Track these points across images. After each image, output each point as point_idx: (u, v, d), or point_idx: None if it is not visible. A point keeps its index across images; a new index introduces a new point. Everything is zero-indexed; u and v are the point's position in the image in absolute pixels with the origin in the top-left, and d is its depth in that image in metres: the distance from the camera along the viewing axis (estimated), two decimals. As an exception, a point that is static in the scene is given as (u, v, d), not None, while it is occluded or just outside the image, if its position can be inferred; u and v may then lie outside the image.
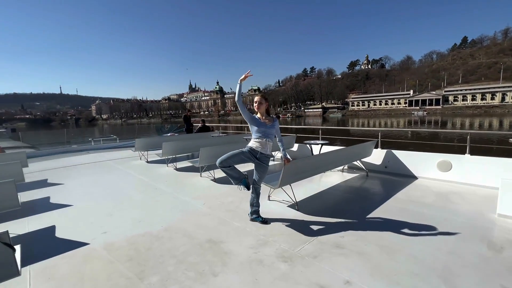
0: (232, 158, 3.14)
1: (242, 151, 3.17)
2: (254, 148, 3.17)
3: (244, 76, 3.24)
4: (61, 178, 6.11)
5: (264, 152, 3.20)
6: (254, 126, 3.18)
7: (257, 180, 3.29)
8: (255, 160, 3.18)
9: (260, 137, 3.17)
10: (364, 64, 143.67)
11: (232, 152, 3.16)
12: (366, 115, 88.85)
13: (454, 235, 2.90)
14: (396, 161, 5.60)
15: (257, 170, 3.25)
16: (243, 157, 3.17)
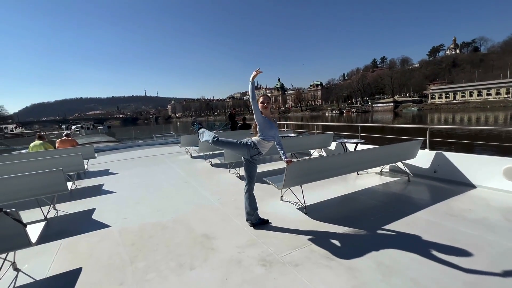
0: (230, 146, 3.09)
1: (246, 144, 3.05)
2: (258, 148, 3.08)
3: (254, 74, 3.10)
4: (119, 168, 7.20)
5: (263, 153, 3.12)
6: (268, 129, 3.04)
7: (253, 180, 3.19)
8: (250, 158, 3.10)
9: (270, 140, 3.08)
10: (450, 49, 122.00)
11: (233, 143, 3.08)
12: (451, 109, 75.46)
13: (488, 263, 2.27)
14: (448, 165, 4.65)
15: (252, 169, 3.16)
16: (243, 150, 3.05)
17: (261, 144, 3.05)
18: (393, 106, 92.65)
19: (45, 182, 3.72)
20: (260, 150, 3.07)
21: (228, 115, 11.00)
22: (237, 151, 3.09)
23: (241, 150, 3.05)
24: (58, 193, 3.88)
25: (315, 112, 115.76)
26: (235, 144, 3.07)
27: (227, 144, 3.08)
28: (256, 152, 3.07)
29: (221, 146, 3.10)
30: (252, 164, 3.17)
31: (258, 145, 3.04)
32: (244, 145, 3.04)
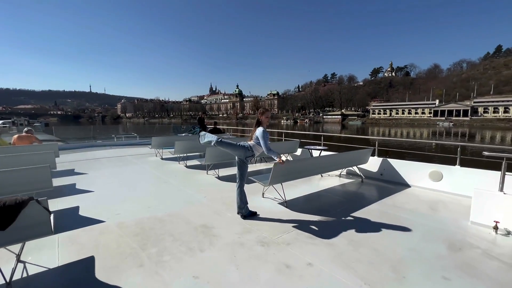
0: (231, 146, 3.53)
1: (244, 146, 3.54)
2: (253, 151, 3.59)
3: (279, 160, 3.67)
4: (86, 169, 6.92)
5: (255, 156, 3.67)
6: (268, 140, 3.61)
7: (244, 178, 3.72)
8: (245, 158, 3.62)
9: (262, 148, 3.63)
10: (387, 72, 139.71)
11: (234, 144, 3.55)
12: (387, 124, 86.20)
13: (421, 236, 3.19)
14: (391, 169, 5.83)
15: (244, 168, 3.68)
16: (241, 152, 3.52)
17: (255, 148, 3.61)
18: (341, 119, 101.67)
19: (31, 178, 3.65)
20: (254, 153, 3.62)
21: (198, 119, 11.19)
22: (235, 151, 3.58)
23: (239, 151, 3.56)
24: (43, 190, 3.81)
25: (272, 120, 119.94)
26: (235, 145, 3.57)
27: (229, 145, 3.56)
28: (250, 154, 3.61)
29: (224, 147, 3.56)
30: (245, 164, 3.69)
31: (253, 149, 3.60)
32: (242, 147, 3.56)
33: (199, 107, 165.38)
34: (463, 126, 70.12)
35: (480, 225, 3.43)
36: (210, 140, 3.55)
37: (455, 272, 2.46)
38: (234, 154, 3.66)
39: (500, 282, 2.33)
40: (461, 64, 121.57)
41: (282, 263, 2.58)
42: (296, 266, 2.54)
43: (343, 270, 2.47)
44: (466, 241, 3.08)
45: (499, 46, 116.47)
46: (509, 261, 2.68)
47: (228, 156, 6.50)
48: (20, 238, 2.21)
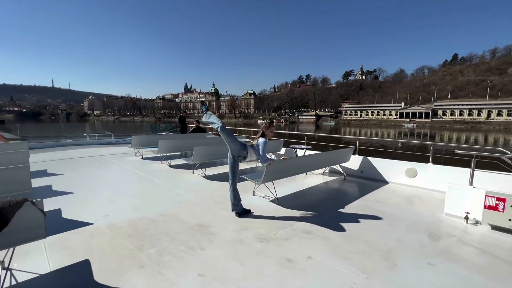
0: (230, 137, 3.65)
1: (241, 143, 3.68)
2: (248, 153, 3.70)
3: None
4: (60, 169, 6.47)
5: (246, 159, 3.79)
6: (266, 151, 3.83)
7: (235, 175, 3.78)
8: (236, 156, 3.66)
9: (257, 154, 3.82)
10: (358, 75, 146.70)
11: (234, 137, 3.69)
12: (358, 125, 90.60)
13: (404, 228, 3.48)
14: (371, 167, 6.21)
15: (235, 166, 3.73)
16: (236, 147, 3.62)
17: (250, 152, 3.70)
18: (315, 119, 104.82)
19: (7, 179, 3.37)
20: (246, 155, 3.69)
21: (179, 118, 10.93)
22: (232, 144, 3.62)
23: (235, 146, 3.62)
24: (22, 192, 3.53)
25: (248, 120, 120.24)
26: (234, 138, 3.66)
27: (229, 136, 3.62)
28: (243, 154, 3.68)
29: (224, 134, 3.60)
30: (236, 162, 3.74)
31: (248, 151, 3.67)
32: (240, 143, 3.63)
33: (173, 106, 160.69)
34: (425, 127, 75.90)
35: (453, 216, 3.81)
36: (214, 122, 3.58)
37: (438, 258, 2.74)
38: (229, 147, 3.67)
39: (475, 264, 2.64)
40: (423, 70, 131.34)
41: (283, 258, 2.68)
42: (297, 259, 2.65)
43: (341, 261, 2.63)
44: (443, 231, 3.41)
45: (455, 55, 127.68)
46: (479, 246, 3.03)
47: (215, 156, 6.49)
48: (11, 242, 2.07)
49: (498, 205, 3.32)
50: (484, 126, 69.46)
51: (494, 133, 55.43)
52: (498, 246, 3.04)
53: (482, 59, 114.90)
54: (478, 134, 54.72)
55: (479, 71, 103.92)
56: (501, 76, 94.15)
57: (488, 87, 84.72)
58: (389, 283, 2.30)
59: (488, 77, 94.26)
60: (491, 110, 74.29)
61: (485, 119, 74.19)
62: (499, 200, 3.31)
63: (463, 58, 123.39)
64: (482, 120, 74.16)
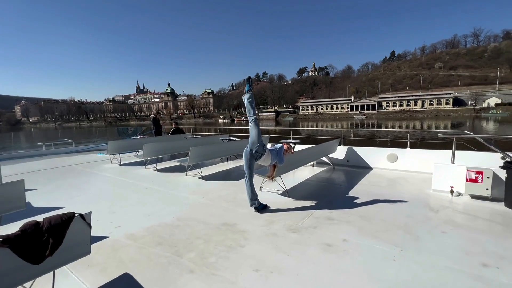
0: (257, 131, 3.79)
1: (262, 142, 3.82)
2: (264, 152, 3.84)
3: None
4: (29, 184, 5.67)
5: (261, 158, 3.89)
6: (280, 159, 4.04)
7: (252, 172, 3.90)
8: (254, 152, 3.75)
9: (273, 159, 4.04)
10: (311, 71, 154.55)
11: (259, 133, 3.81)
12: (315, 119, 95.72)
13: (406, 205, 3.93)
14: (355, 155, 6.75)
15: (252, 163, 3.82)
16: (258, 142, 3.75)
17: (268, 154, 3.82)
18: (275, 115, 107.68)
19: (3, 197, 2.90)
20: (263, 154, 3.79)
21: (152, 119, 10.28)
22: (256, 137, 3.74)
23: (259, 140, 3.74)
24: (15, 211, 3.07)
25: (208, 119, 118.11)
26: (260, 135, 3.78)
27: (259, 128, 3.80)
28: (261, 151, 3.76)
29: (255, 126, 3.77)
30: (252, 158, 3.82)
31: (266, 152, 3.80)
32: (262, 141, 3.73)
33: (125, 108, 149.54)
34: (372, 118, 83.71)
35: (440, 191, 4.41)
36: (251, 110, 3.91)
37: (446, 226, 3.19)
38: (252, 140, 3.77)
39: (470, 226, 3.17)
40: (367, 66, 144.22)
41: (322, 243, 2.84)
42: (335, 243, 2.84)
43: (374, 240, 2.90)
44: (437, 204, 3.94)
45: (393, 52, 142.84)
46: (471, 213, 3.60)
47: (209, 156, 6.39)
48: (61, 262, 1.85)
49: (478, 178, 3.96)
50: (420, 115, 79.32)
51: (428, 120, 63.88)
52: (483, 211, 3.64)
53: (414, 55, 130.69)
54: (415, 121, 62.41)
55: (412, 66, 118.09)
56: (430, 70, 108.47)
57: (421, 80, 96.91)
58: (421, 252, 2.63)
59: (420, 71, 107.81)
60: (424, 100, 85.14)
61: (420, 108, 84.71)
62: (478, 173, 3.95)
63: (399, 55, 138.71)
64: (418, 109, 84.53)
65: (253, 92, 4.06)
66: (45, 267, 1.74)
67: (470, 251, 2.63)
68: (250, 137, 3.80)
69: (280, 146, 4.06)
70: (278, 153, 3.96)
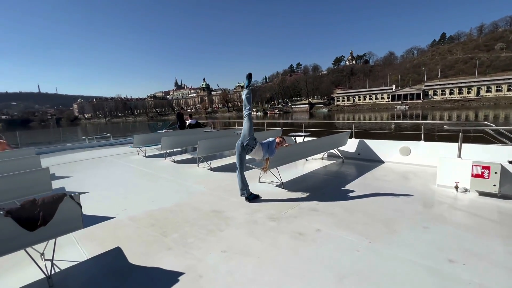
0: (250, 126, 4.00)
1: (253, 137, 4.01)
2: (254, 145, 4.03)
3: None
4: (67, 172, 6.65)
5: (251, 151, 4.09)
6: (270, 152, 4.23)
7: (243, 164, 4.11)
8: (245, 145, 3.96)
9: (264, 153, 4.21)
10: (348, 60, 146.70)
11: (251, 127, 4.01)
12: (351, 110, 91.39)
13: (401, 199, 3.82)
14: (367, 149, 6.54)
15: (243, 156, 4.05)
16: (249, 135, 3.96)
17: (259, 147, 4.00)
18: (308, 107, 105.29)
19: (30, 182, 3.58)
20: (254, 146, 3.97)
21: (177, 114, 11.08)
22: (248, 131, 3.96)
23: (250, 134, 3.94)
24: (43, 193, 3.75)
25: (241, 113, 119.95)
26: (251, 129, 3.98)
27: (251, 123, 3.99)
28: (252, 144, 3.96)
29: (248, 120, 3.98)
30: (243, 151, 4.03)
31: (257, 144, 3.96)
32: (253, 134, 3.93)
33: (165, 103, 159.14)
34: (417, 108, 77.06)
35: (444, 186, 4.16)
36: (247, 105, 4.10)
37: (431, 222, 3.08)
38: (244, 133, 4.00)
39: (464, 224, 2.99)
40: (412, 51, 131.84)
41: (295, 232, 2.98)
42: (308, 232, 2.96)
43: (346, 231, 2.95)
44: (436, 200, 3.76)
45: (443, 34, 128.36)
46: (468, 210, 3.38)
47: (218, 148, 6.75)
48: (55, 233, 2.31)
49: (484, 173, 3.67)
50: (474, 103, 70.80)
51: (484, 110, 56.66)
52: (484, 208, 3.39)
53: (469, 36, 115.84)
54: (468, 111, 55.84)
55: (467, 49, 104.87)
56: (489, 52, 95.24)
57: (477, 64, 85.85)
58: (390, 245, 2.63)
59: (476, 54, 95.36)
60: (480, 87, 75.60)
61: (474, 96, 75.55)
62: (485, 168, 3.66)
63: (451, 36, 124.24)
64: (472, 97, 75.50)
65: (251, 88, 4.23)
66: (43, 235, 2.21)
67: (444, 247, 2.55)
68: (242, 130, 4.03)
69: (272, 139, 4.20)
70: (269, 146, 4.12)
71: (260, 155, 4.11)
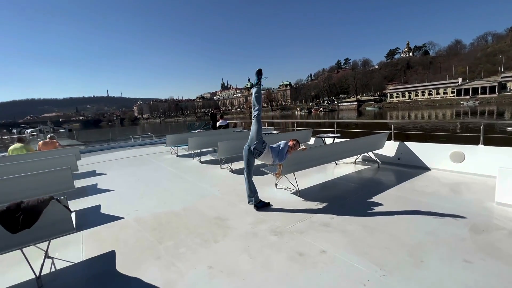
0: (258, 128, 3.68)
1: (262, 139, 3.70)
2: (263, 149, 3.69)
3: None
4: (107, 169, 7.22)
5: (260, 156, 3.75)
6: (280, 158, 3.84)
7: (250, 169, 3.80)
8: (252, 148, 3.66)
9: (274, 159, 3.85)
10: (404, 52, 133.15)
11: (260, 130, 3.70)
12: (406, 107, 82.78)
13: (440, 219, 3.07)
14: (409, 153, 5.61)
15: (250, 160, 3.74)
16: (257, 139, 3.65)
17: (268, 152, 3.68)
18: (357, 105, 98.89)
19: (54, 180, 3.86)
20: (263, 151, 3.65)
21: (210, 114, 11.30)
22: (255, 134, 3.65)
23: (258, 137, 3.64)
24: (66, 191, 4.03)
25: (285, 112, 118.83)
26: (261, 131, 3.68)
27: (260, 125, 3.69)
28: (260, 148, 3.63)
29: (257, 122, 3.68)
30: (251, 155, 3.72)
31: (266, 147, 3.63)
32: (261, 137, 3.65)
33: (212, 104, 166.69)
34: (490, 103, 65.96)
35: (506, 205, 3.24)
36: (256, 105, 3.81)
37: (478, 254, 2.35)
38: (251, 136, 3.70)
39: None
40: (485, 37, 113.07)
41: (295, 251, 2.58)
42: (309, 253, 2.53)
43: (357, 256, 2.43)
44: (491, 223, 2.92)
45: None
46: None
47: (239, 150, 6.55)
48: (45, 235, 2.35)
49: None
50: None
51: None
52: None
53: None
54: (562, 107, 45.55)
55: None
56: None
57: None
58: (409, 281, 2.05)
59: None
60: None
61: None
62: None
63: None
64: None
65: (261, 86, 3.93)
66: (30, 238, 2.25)
67: (488, 293, 1.88)
68: (250, 133, 3.74)
69: (284, 143, 3.81)
70: (280, 151, 3.74)
71: (269, 160, 3.77)
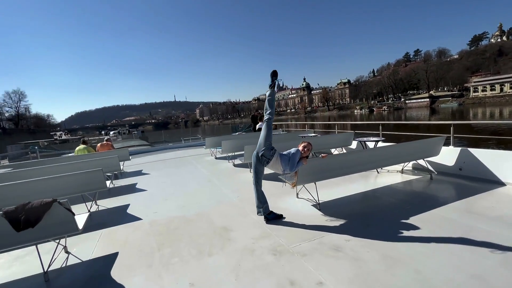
0: (268, 133, 3.38)
1: (271, 145, 3.39)
2: (272, 157, 3.35)
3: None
4: (150, 169, 7.83)
5: (269, 163, 3.42)
6: (290, 167, 3.39)
7: (259, 177, 3.51)
8: (260, 155, 3.37)
9: (284, 169, 3.43)
10: (495, 37, 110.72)
11: (270, 136, 3.38)
12: (497, 103, 68.57)
13: (498, 258, 2.25)
14: (475, 162, 4.45)
15: (259, 168, 3.45)
16: (265, 145, 3.35)
17: (277, 159, 3.34)
18: (429, 102, 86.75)
19: (88, 180, 4.29)
20: (271, 158, 3.32)
21: (251, 116, 11.30)
22: (264, 140, 3.35)
23: (266, 143, 3.34)
24: (98, 190, 4.44)
25: (343, 111, 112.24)
26: (271, 136, 3.39)
27: (270, 130, 3.40)
28: (268, 155, 3.32)
29: (267, 127, 3.39)
30: (259, 162, 3.42)
31: (274, 155, 3.30)
32: (270, 144, 3.35)
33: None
34: None
35: None
36: (268, 109, 3.48)
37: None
38: (259, 142, 3.43)
39: None
40: None
41: (287, 278, 2.21)
42: (302, 284, 2.13)
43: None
44: None
45: None
46: None
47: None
48: (49, 234, 2.56)
49: None
50: None
51: None
52: None
53: None
54: None
55: None
56: None
57: None
58: None
59: None
60: None
61: None
62: None
63: None
64: None
65: (275, 89, 3.61)
66: (34, 236, 2.46)
67: None
68: (259, 138, 3.46)
69: (295, 150, 3.40)
70: (290, 159, 3.35)
71: (279, 169, 3.41)
